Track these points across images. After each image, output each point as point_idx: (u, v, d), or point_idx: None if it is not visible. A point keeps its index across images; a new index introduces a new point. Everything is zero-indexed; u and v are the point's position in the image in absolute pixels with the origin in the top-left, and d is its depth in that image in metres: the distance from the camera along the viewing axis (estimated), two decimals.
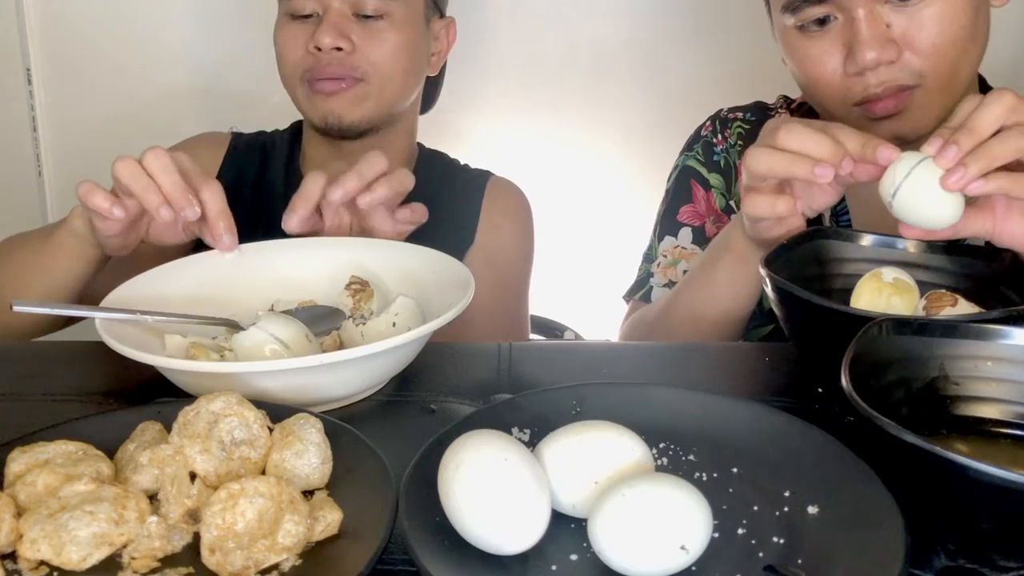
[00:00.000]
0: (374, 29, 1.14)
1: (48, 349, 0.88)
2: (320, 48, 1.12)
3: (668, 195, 1.19)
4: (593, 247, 1.72)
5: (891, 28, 0.91)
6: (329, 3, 1.13)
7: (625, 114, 1.67)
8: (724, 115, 1.18)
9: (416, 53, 1.19)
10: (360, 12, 1.14)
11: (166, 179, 0.86)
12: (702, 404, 0.67)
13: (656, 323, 1.08)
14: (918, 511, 0.54)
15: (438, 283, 0.85)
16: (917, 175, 0.73)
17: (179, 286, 0.86)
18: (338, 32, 1.12)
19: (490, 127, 1.68)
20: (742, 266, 0.94)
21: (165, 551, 0.55)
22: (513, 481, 0.53)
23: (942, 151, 0.72)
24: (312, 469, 0.59)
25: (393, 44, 1.15)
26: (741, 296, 0.97)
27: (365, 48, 1.13)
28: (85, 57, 1.69)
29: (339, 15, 1.13)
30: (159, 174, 0.86)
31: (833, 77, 0.95)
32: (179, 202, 0.86)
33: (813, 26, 0.94)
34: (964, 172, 0.71)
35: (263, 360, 0.72)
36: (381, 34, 1.14)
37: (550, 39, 1.65)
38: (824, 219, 1.07)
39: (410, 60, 1.18)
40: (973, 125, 0.73)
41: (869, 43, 0.90)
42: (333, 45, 1.12)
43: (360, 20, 1.14)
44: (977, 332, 0.67)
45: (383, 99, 1.16)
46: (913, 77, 0.92)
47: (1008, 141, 0.71)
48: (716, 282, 0.98)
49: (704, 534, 0.52)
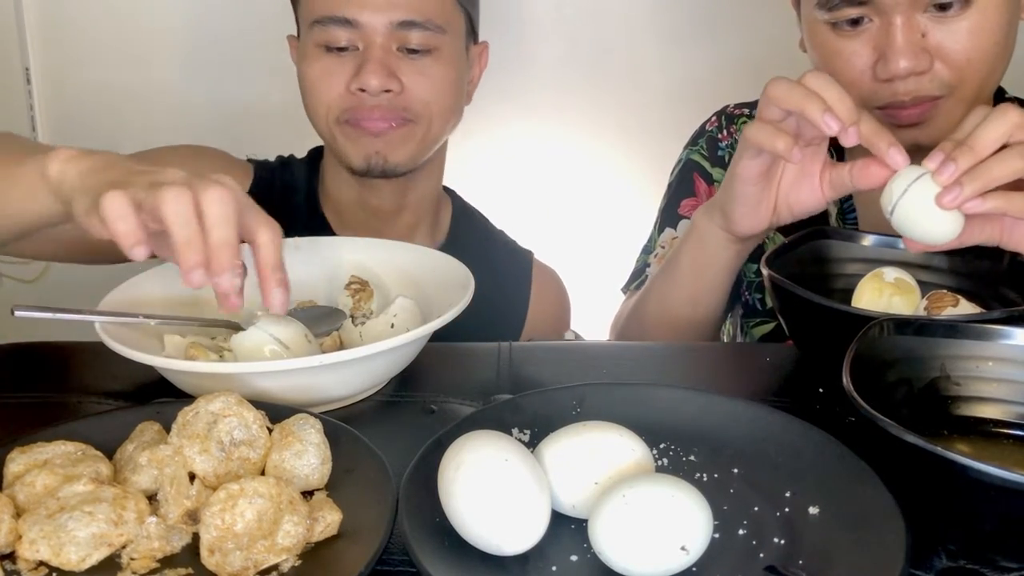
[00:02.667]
0: (421, 66, 1.03)
1: (48, 349, 0.88)
2: (365, 90, 1.01)
3: (670, 188, 1.19)
4: (593, 247, 1.72)
5: (926, 37, 0.90)
6: (372, 37, 1.01)
7: (624, 115, 1.67)
8: (730, 111, 1.18)
9: (461, 88, 1.10)
10: (406, 46, 1.02)
11: (218, 233, 0.66)
12: (702, 404, 0.67)
13: (631, 314, 1.08)
14: (919, 512, 0.54)
15: (438, 283, 0.85)
16: (916, 190, 0.73)
17: (179, 286, 0.85)
18: (387, 72, 1.01)
19: (490, 127, 1.68)
20: (702, 248, 0.94)
21: (164, 552, 0.54)
22: (513, 482, 0.53)
23: (941, 168, 0.72)
24: (311, 470, 0.59)
25: (441, 82, 1.05)
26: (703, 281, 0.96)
27: (414, 88, 1.03)
28: (85, 57, 1.69)
29: (384, 51, 1.01)
30: (213, 227, 0.66)
31: (860, 78, 0.93)
32: (220, 266, 0.66)
33: (846, 25, 0.93)
34: (960, 192, 0.71)
35: (263, 360, 0.72)
36: (429, 71, 1.04)
37: (550, 39, 1.65)
38: (831, 219, 1.06)
39: (456, 96, 1.09)
40: (974, 142, 0.72)
41: (903, 52, 0.89)
42: (382, 88, 1.01)
43: (406, 55, 1.03)
44: (978, 332, 0.67)
45: (428, 138, 1.07)
46: (941, 88, 0.92)
47: (1006, 162, 0.71)
48: (680, 266, 0.98)
49: (704, 535, 0.52)
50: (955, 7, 0.89)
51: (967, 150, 0.71)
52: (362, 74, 1.01)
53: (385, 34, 1.01)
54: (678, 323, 0.99)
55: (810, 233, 0.89)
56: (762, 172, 0.84)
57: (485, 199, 1.36)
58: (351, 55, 1.03)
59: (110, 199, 0.65)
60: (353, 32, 1.01)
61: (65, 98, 1.71)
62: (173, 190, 0.66)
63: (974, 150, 0.71)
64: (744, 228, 0.89)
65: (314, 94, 1.05)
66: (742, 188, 0.86)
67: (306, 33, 1.05)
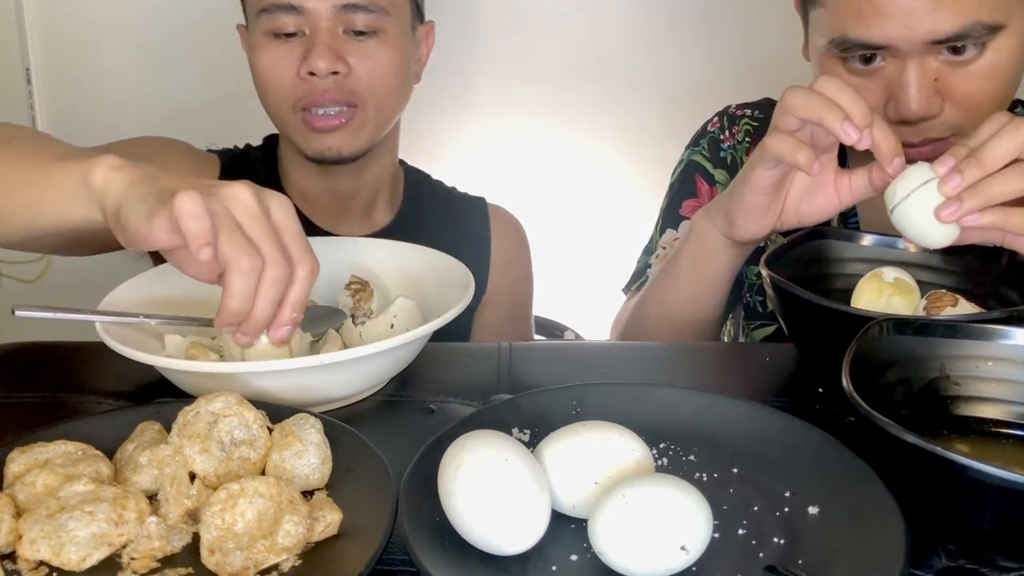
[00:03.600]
0: (367, 48, 1.06)
1: (48, 349, 0.88)
2: (315, 73, 1.03)
3: (672, 189, 1.19)
4: (593, 247, 1.73)
5: (938, 81, 0.89)
6: (317, 22, 1.03)
7: (624, 115, 1.67)
8: (732, 112, 1.17)
9: (407, 68, 1.12)
10: (352, 28, 1.05)
11: (273, 272, 0.65)
12: (702, 404, 0.67)
13: (632, 314, 1.08)
14: (918, 511, 0.54)
15: (438, 283, 0.85)
16: (919, 195, 0.73)
17: (179, 286, 0.86)
18: (334, 55, 1.03)
19: (490, 127, 1.68)
20: (701, 251, 0.94)
21: (164, 551, 0.54)
22: (513, 481, 0.53)
23: (946, 178, 0.72)
24: (312, 469, 0.59)
25: (387, 63, 1.07)
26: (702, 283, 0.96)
27: (360, 70, 1.05)
28: (85, 57, 1.69)
29: (331, 34, 1.03)
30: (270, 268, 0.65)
31: None
32: (261, 318, 0.66)
33: (858, 62, 0.91)
34: (959, 207, 0.71)
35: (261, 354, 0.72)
36: (375, 53, 1.06)
37: (550, 39, 1.65)
38: (832, 220, 1.06)
39: (403, 78, 1.11)
40: (984, 155, 0.72)
41: (916, 98, 0.88)
42: (330, 70, 1.03)
43: (352, 38, 1.05)
44: (978, 332, 0.67)
45: (379, 122, 1.10)
46: (950, 130, 0.91)
47: (1008, 181, 0.71)
48: (680, 268, 0.98)
49: (704, 534, 0.52)
50: (969, 51, 0.88)
51: (975, 163, 0.72)
52: (310, 58, 1.03)
53: (330, 18, 1.03)
54: (678, 324, 0.99)
55: (810, 233, 0.89)
56: (776, 182, 0.84)
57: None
58: (299, 41, 1.05)
59: (186, 199, 0.64)
60: (299, 18, 1.04)
61: (65, 98, 1.71)
62: (241, 195, 0.66)
63: (982, 163, 0.71)
64: (747, 234, 0.89)
65: (268, 82, 1.07)
66: (753, 196, 0.86)
67: (254, 22, 1.08)
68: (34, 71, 1.68)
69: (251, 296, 0.65)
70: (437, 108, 1.47)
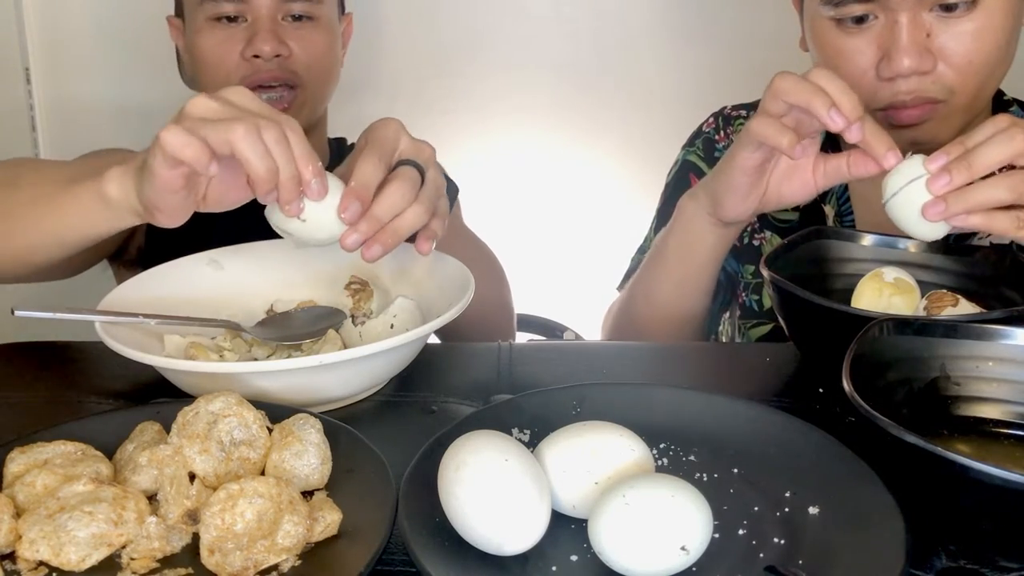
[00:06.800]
0: (304, 32, 1.13)
1: (48, 349, 0.88)
2: (259, 56, 1.10)
3: (667, 188, 1.20)
4: (593, 247, 1.72)
5: (931, 38, 0.91)
6: (259, 10, 1.11)
7: (624, 115, 1.67)
8: (727, 112, 1.18)
9: (338, 52, 1.21)
10: (290, 14, 1.12)
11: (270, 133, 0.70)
12: (702, 404, 0.67)
13: (621, 306, 1.10)
14: (919, 511, 0.54)
15: (438, 283, 0.85)
16: (910, 191, 0.75)
17: (178, 287, 0.86)
18: (277, 39, 1.10)
19: (490, 127, 1.68)
20: (686, 232, 0.96)
21: (164, 552, 0.54)
22: (513, 482, 0.53)
23: (935, 177, 0.74)
24: (311, 470, 0.59)
25: (323, 45, 1.15)
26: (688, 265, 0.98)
27: (299, 52, 1.12)
28: (85, 57, 1.68)
29: (272, 20, 1.11)
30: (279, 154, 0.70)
31: (863, 77, 0.94)
32: (289, 194, 0.71)
33: (851, 22, 0.93)
34: (944, 208, 0.73)
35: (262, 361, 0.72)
36: (311, 36, 1.14)
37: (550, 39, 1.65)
38: (828, 219, 1.07)
39: (335, 60, 1.20)
40: (974, 160, 0.73)
41: (908, 50, 0.90)
42: (274, 53, 1.10)
43: (291, 23, 1.13)
44: (978, 332, 0.67)
45: (317, 102, 1.17)
46: (943, 92, 0.92)
47: (992, 190, 0.73)
48: (666, 250, 1.00)
49: (704, 535, 0.52)
50: (961, 7, 0.89)
51: (965, 167, 0.73)
52: (255, 42, 1.10)
53: (271, 5, 1.11)
54: (664, 312, 1.01)
55: (809, 233, 0.89)
56: (759, 164, 0.86)
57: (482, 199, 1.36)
58: (241, 26, 1.12)
59: (170, 135, 0.69)
60: (241, 4, 1.11)
61: (65, 98, 1.71)
62: (239, 126, 0.69)
63: (972, 168, 0.73)
64: (731, 214, 0.90)
65: (212, 65, 1.13)
66: (737, 177, 0.87)
67: (196, 10, 1.13)
68: (34, 71, 1.68)
69: (266, 153, 0.69)
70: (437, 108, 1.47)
